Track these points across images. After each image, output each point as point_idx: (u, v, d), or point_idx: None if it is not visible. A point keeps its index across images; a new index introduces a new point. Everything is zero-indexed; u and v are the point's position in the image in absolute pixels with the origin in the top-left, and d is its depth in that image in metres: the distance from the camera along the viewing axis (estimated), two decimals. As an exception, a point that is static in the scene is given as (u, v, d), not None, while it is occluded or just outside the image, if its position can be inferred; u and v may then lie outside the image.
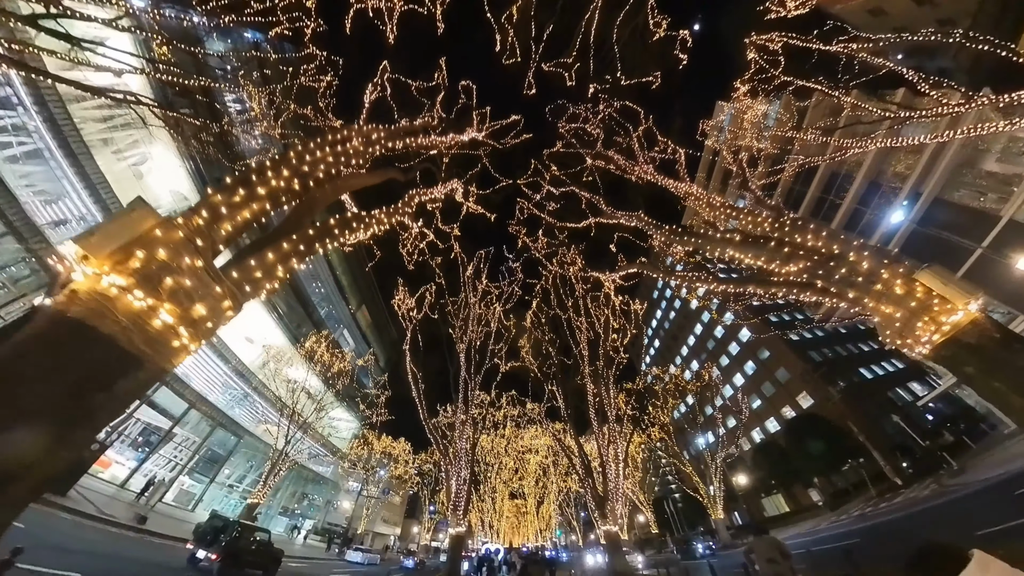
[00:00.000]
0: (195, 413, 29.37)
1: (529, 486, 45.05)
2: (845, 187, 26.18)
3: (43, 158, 21.61)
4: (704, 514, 47.42)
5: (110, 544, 10.53)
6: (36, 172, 21.75)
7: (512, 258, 24.90)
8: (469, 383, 23.18)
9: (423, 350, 23.82)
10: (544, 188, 17.28)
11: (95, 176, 23.17)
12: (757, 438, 41.35)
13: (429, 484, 45.43)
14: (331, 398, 30.41)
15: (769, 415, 39.82)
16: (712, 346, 47.43)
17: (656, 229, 10.01)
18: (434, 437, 22.77)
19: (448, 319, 24.24)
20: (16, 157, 20.86)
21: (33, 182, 21.80)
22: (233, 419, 31.28)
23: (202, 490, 27.85)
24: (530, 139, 15.37)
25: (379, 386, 33.10)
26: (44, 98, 20.64)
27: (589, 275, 22.71)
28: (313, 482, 41.39)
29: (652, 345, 59.87)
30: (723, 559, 22.46)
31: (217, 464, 30.80)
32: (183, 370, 28.46)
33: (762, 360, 41.42)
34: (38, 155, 21.47)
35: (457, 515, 19.53)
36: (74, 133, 22.07)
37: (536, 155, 16.70)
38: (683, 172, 11.91)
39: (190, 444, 28.70)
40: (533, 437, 40.77)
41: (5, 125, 20.25)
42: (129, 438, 26.48)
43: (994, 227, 17.43)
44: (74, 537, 9.88)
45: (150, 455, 24.94)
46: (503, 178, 16.85)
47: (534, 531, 49.94)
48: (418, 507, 47.48)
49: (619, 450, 20.54)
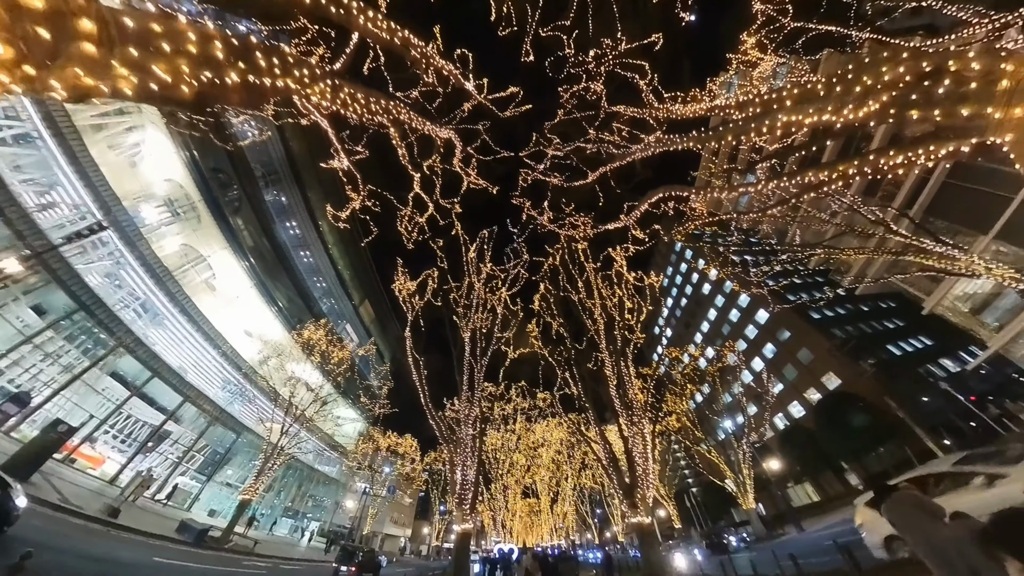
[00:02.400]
0: (191, 409, 28.27)
1: (543, 481, 43.23)
2: (863, 146, 24.52)
3: (34, 145, 20.85)
4: (727, 506, 45.38)
5: (53, 535, 9.19)
6: (26, 156, 20.94)
7: (517, 232, 23.53)
8: (475, 364, 21.73)
9: (426, 338, 22.34)
10: (550, 151, 15.86)
11: (86, 162, 22.28)
12: (781, 425, 39.23)
13: (439, 483, 43.85)
14: (331, 390, 29.12)
15: (792, 399, 37.70)
16: (727, 331, 45.42)
17: (681, 140, 8.55)
18: (436, 424, 21.05)
19: (451, 304, 22.73)
20: (5, 140, 20.09)
21: (23, 167, 21.01)
22: (231, 415, 30.15)
23: (199, 489, 26.60)
24: (531, 110, 14.13)
25: (381, 376, 31.73)
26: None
27: (600, 243, 21.11)
28: (320, 483, 40.07)
29: (664, 335, 57.93)
30: (761, 552, 20.52)
31: (216, 463, 29.59)
32: (178, 363, 27.49)
33: (782, 341, 39.39)
34: (27, 139, 20.69)
35: (464, 509, 17.60)
36: (65, 118, 21.22)
37: (538, 125, 15.30)
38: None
39: (186, 441, 27.53)
40: (545, 430, 39.04)
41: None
42: (121, 434, 25.34)
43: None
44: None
45: (141, 451, 23.74)
46: (504, 151, 15.61)
47: (548, 529, 48.00)
48: (429, 508, 45.83)
49: (645, 431, 18.72)
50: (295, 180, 37.48)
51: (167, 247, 29.05)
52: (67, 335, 23.13)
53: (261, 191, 35.54)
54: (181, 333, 27.57)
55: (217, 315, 30.34)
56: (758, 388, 33.31)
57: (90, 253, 23.81)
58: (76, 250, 23.14)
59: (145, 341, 25.19)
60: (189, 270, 30.58)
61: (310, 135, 35.95)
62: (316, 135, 16.30)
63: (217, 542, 17.67)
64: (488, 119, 13.66)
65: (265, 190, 36.47)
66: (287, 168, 36.80)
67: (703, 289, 50.37)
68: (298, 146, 37.59)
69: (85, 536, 10.22)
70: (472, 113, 13.10)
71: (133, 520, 13.93)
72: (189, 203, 29.60)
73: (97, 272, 24.43)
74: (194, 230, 30.06)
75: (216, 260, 31.45)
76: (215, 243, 30.74)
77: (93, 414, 23.09)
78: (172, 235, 29.22)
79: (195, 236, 30.40)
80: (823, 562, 11.91)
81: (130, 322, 24.91)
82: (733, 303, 45.41)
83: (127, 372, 25.61)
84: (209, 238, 30.64)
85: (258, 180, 35.66)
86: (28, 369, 20.94)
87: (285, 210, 38.48)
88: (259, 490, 21.11)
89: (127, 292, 26.18)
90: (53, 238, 20.53)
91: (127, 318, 24.88)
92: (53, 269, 20.78)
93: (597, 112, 14.15)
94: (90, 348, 23.42)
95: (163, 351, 26.40)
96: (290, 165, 36.69)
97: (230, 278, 32.74)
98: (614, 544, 48.90)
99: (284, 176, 37.22)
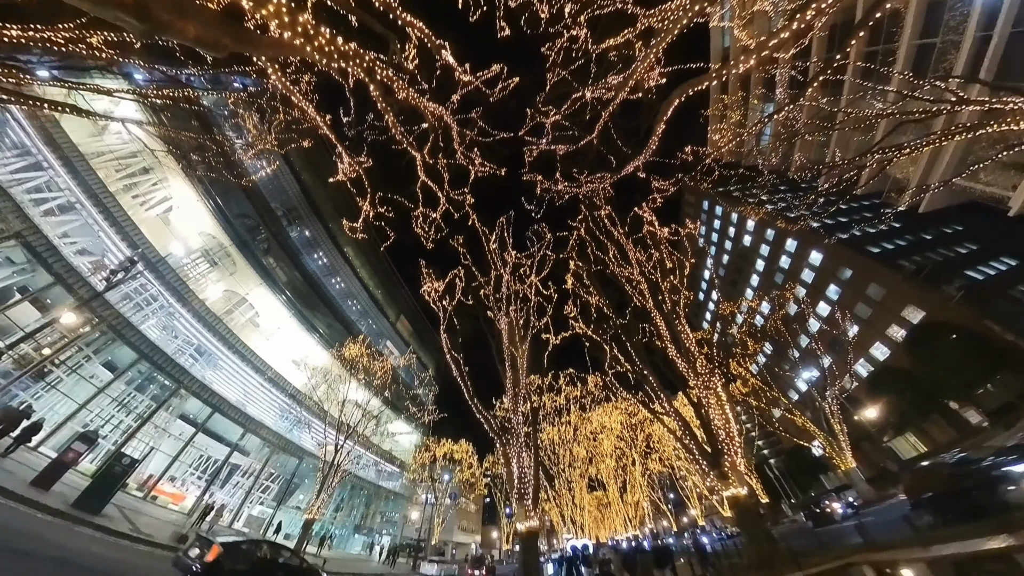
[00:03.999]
0: (255, 440, 29.76)
1: (608, 470, 41.33)
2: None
3: (76, 211, 23.01)
4: (816, 472, 41.02)
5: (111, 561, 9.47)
6: (70, 223, 23.11)
7: (534, 209, 22.62)
8: (516, 354, 20.90)
9: (465, 336, 21.87)
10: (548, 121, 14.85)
11: (123, 221, 24.23)
12: (864, 372, 34.96)
13: (500, 486, 43.25)
14: (378, 404, 29.51)
15: (872, 341, 33.50)
16: (781, 280, 41.50)
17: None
18: (485, 418, 20.17)
19: (483, 300, 22.05)
20: (52, 211, 22.30)
21: (69, 233, 23.23)
22: (292, 441, 31.41)
23: (271, 515, 27.73)
24: (520, 84, 13.26)
25: (426, 383, 31.78)
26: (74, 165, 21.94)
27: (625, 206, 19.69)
28: (386, 499, 40.86)
29: (710, 299, 54.16)
30: (877, 516, 17.79)
31: (285, 489, 30.85)
32: (236, 398, 29.10)
33: (846, 280, 35.31)
34: (71, 208, 22.84)
35: (525, 505, 15.96)
36: (99, 183, 23.24)
37: (531, 101, 14.39)
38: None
39: (254, 471, 28.93)
40: (602, 416, 37.33)
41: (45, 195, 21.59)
42: (197, 471, 27.07)
43: None
44: (93, 555, 8.91)
45: (213, 483, 25.14)
46: (503, 133, 14.92)
47: (621, 521, 45.73)
48: (496, 513, 45.31)
49: (719, 390, 16.75)
50: (314, 212, 39.13)
51: (211, 295, 31.06)
52: (137, 385, 25.13)
53: (285, 229, 37.35)
54: (235, 370, 29.18)
55: (264, 349, 31.93)
56: (833, 331, 29.72)
57: (144, 309, 25.82)
58: (132, 308, 25.23)
59: (204, 381, 26.87)
60: (234, 312, 32.49)
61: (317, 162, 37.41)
62: (325, 162, 16.62)
63: (283, 563, 17.85)
64: (479, 105, 13.10)
65: (289, 227, 38.31)
66: (304, 202, 38.49)
67: (743, 241, 46.60)
68: (310, 178, 39.27)
69: (138, 558, 10.53)
70: (461, 103, 12.59)
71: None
72: (223, 250, 31.54)
73: (155, 327, 26.42)
74: (231, 274, 31.95)
75: (256, 299, 33.24)
76: (252, 283, 32.51)
77: (169, 454, 24.80)
78: (213, 283, 31.22)
79: (233, 280, 32.31)
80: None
81: (189, 367, 26.73)
82: (780, 249, 41.52)
83: (193, 413, 27.41)
84: (246, 279, 32.45)
85: (280, 219, 37.52)
86: (107, 420, 22.87)
87: (310, 243, 40.22)
88: (321, 509, 21.39)
89: (183, 340, 28.14)
90: (109, 298, 22.46)
91: (185, 363, 26.71)
92: (114, 327, 22.61)
93: (587, 62, 12.90)
94: (157, 394, 25.26)
95: (221, 389, 28.03)
96: (306, 198, 38.33)
97: (271, 314, 34.47)
98: (693, 528, 45.73)
99: (303, 211, 38.96)
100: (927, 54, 20.67)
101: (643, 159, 13.04)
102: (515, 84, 12.62)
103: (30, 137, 20.49)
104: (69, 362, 21.30)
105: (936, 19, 20.76)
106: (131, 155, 27.56)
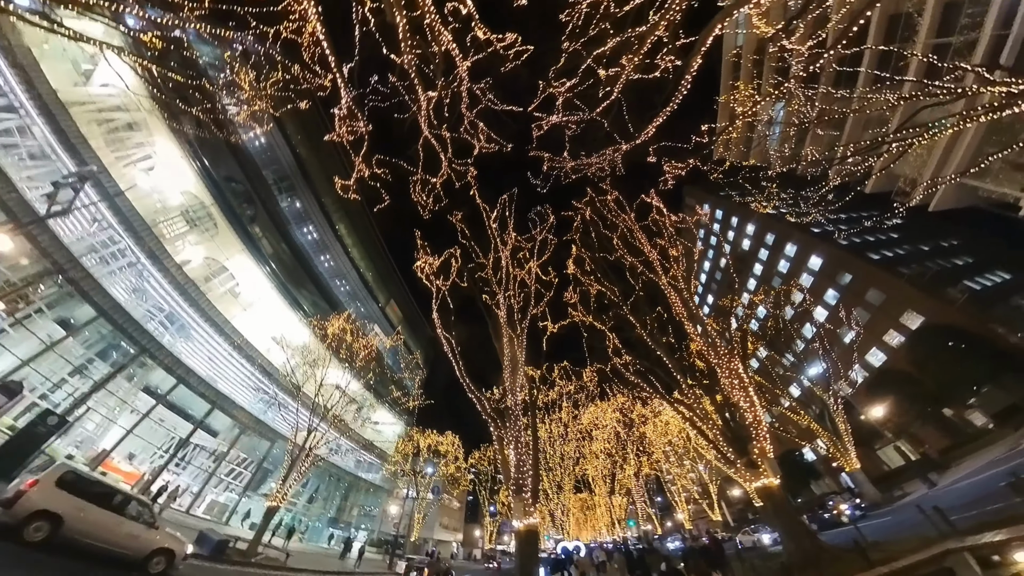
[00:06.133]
0: (226, 421, 27.36)
1: (597, 470, 40.06)
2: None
3: (51, 160, 20.69)
4: (808, 478, 40.60)
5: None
6: (36, 168, 20.78)
7: (540, 184, 21.46)
8: (515, 327, 19.57)
9: (458, 319, 20.35)
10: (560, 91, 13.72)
11: (101, 174, 21.99)
12: (859, 378, 34.83)
13: (486, 484, 41.45)
14: (359, 387, 27.58)
15: (870, 346, 33.44)
16: (779, 284, 41.48)
17: None
18: (478, 400, 18.42)
19: (477, 283, 20.61)
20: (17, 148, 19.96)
21: (35, 178, 20.84)
22: (266, 423, 29.11)
23: (236, 501, 25.33)
24: (533, 54, 12.22)
25: (411, 367, 30.00)
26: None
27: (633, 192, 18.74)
28: (366, 491, 38.48)
29: (704, 302, 54.02)
30: (885, 520, 16.97)
31: (255, 475, 28.44)
32: (207, 372, 26.71)
33: (845, 285, 35.34)
34: (44, 156, 20.54)
35: (524, 498, 14.34)
36: (78, 135, 21.01)
37: (543, 74, 13.31)
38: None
39: (222, 453, 26.51)
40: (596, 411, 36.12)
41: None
42: (160, 450, 24.51)
43: None
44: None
45: (172, 462, 22.79)
46: (512, 107, 13.78)
47: (605, 524, 44.44)
48: (479, 511, 43.39)
49: (741, 372, 15.65)
50: (307, 184, 37.07)
51: (189, 258, 28.67)
52: (97, 350, 22.68)
53: (275, 197, 35.19)
54: (207, 341, 26.86)
55: (242, 322, 29.66)
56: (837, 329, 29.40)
57: (111, 265, 23.45)
58: (98, 261, 22.83)
59: (173, 352, 24.54)
60: (212, 280, 30.14)
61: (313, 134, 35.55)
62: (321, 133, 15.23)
63: (242, 555, 15.65)
64: (489, 76, 12.16)
65: (279, 196, 36.13)
66: (298, 172, 36.43)
67: (743, 245, 46.60)
68: (306, 151, 37.29)
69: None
70: (471, 72, 11.70)
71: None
72: (204, 210, 29.27)
73: (122, 287, 24.02)
74: (212, 238, 29.66)
75: (237, 268, 30.94)
76: (234, 249, 30.25)
77: (128, 429, 22.34)
78: (191, 245, 28.86)
79: (214, 246, 29.99)
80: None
81: (158, 335, 24.37)
82: (779, 254, 41.55)
83: (158, 385, 24.97)
84: (228, 245, 30.18)
85: (271, 187, 35.35)
86: (58, 384, 20.39)
87: (301, 215, 38.06)
88: (286, 495, 19.31)
89: (153, 305, 25.74)
90: (73, 249, 20.15)
91: (154, 330, 24.34)
92: (74, 280, 20.26)
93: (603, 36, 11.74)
94: (118, 360, 22.85)
95: (191, 361, 25.69)
96: (300, 168, 36.30)
97: (253, 286, 32.16)
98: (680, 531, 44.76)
99: (296, 181, 36.88)
100: (943, 50, 20.53)
101: (671, 107, 11.82)
102: (528, 54, 11.59)
103: (2, 73, 18.24)
104: (17, 314, 18.86)
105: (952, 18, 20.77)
106: (116, 108, 25.33)
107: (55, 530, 7.41)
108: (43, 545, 7.33)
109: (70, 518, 7.62)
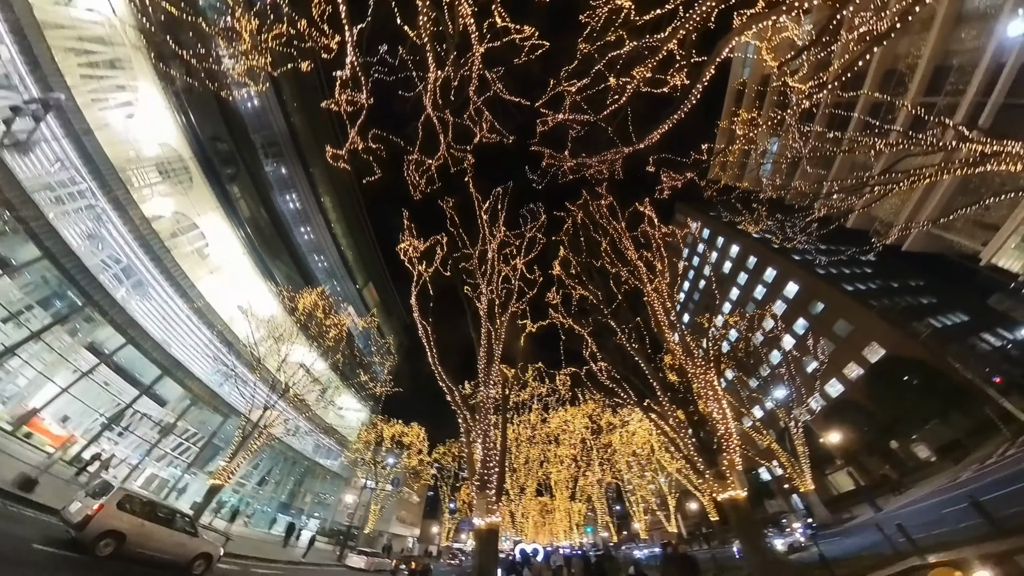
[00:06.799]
0: (177, 390, 25.49)
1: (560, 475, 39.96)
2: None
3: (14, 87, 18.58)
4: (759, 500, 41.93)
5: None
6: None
7: (537, 180, 21.17)
8: (491, 327, 19.01)
9: (436, 304, 19.67)
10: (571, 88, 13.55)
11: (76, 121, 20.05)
12: (816, 407, 36.35)
13: (448, 480, 40.54)
14: (326, 367, 26.34)
15: (829, 377, 34.96)
16: (752, 310, 42.98)
17: None
18: (448, 388, 17.73)
19: (461, 273, 20.05)
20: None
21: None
22: (222, 397, 27.32)
23: (179, 477, 23.54)
24: (548, 51, 12.04)
25: (383, 351, 28.99)
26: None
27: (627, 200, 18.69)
28: (323, 478, 36.80)
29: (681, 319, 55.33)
30: (837, 539, 17.42)
31: (206, 451, 26.59)
32: (161, 335, 24.80)
33: (816, 315, 36.90)
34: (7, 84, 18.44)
35: (487, 495, 13.92)
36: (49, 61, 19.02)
37: (555, 72, 13.15)
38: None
39: (165, 424, 24.61)
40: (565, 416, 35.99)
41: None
42: (103, 416, 22.42)
43: None
44: None
45: (108, 429, 20.95)
46: (520, 99, 13.50)
47: (563, 529, 44.46)
48: (438, 507, 42.38)
49: (715, 383, 15.71)
50: (296, 151, 35.37)
51: (156, 210, 26.63)
52: (38, 297, 20.60)
53: (260, 160, 33.37)
54: (165, 301, 24.98)
55: (207, 285, 27.82)
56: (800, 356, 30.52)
57: (66, 204, 21.41)
58: (52, 200, 20.77)
59: (125, 308, 22.64)
60: (180, 236, 28.12)
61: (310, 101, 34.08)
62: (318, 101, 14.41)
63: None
64: (501, 65, 11.50)
65: (265, 160, 34.31)
66: (288, 140, 34.72)
67: (724, 267, 48.01)
68: (300, 120, 35.63)
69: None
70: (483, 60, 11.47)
71: (50, 497, 11.06)
72: (181, 163, 27.33)
73: (76, 231, 21.97)
74: (185, 192, 27.70)
75: (208, 227, 29.03)
76: (207, 206, 28.36)
77: (64, 389, 20.34)
78: (161, 196, 26.83)
79: (186, 200, 28.01)
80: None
81: (111, 288, 22.42)
82: (758, 279, 43.01)
83: (104, 343, 22.95)
84: (201, 201, 28.27)
85: (258, 150, 33.53)
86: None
87: (285, 182, 36.25)
88: (232, 474, 18.02)
89: (109, 255, 23.70)
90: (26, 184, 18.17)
91: (107, 283, 22.37)
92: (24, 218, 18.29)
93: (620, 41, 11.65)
94: (60, 311, 20.85)
95: (144, 321, 23.78)
96: (291, 135, 34.63)
97: (223, 248, 30.26)
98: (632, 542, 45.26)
99: (285, 148, 35.13)
100: (929, 108, 21.89)
101: (678, 116, 11.75)
102: (543, 50, 11.39)
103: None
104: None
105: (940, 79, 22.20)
106: (99, 39, 23.20)
107: (120, 545, 8.86)
108: (111, 558, 8.75)
109: (131, 534, 9.06)
